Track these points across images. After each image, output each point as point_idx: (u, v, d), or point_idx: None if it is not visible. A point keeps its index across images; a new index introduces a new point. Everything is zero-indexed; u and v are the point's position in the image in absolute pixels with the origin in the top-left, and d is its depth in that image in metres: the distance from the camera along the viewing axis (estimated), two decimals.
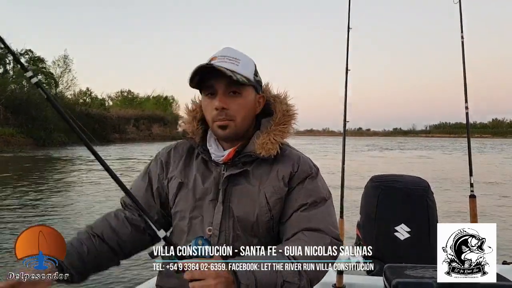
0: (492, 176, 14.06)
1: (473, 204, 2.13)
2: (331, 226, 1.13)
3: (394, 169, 16.63)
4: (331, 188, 1.23)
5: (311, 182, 1.17)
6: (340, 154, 2.16)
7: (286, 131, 1.20)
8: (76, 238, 1.18)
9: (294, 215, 1.14)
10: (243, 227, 1.15)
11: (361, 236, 2.04)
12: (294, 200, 1.15)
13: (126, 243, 1.22)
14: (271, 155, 1.15)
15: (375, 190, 2.03)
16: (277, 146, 1.16)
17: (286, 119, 1.21)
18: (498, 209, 8.18)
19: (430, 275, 1.38)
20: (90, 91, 54.72)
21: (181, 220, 1.21)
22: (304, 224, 1.11)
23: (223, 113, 1.14)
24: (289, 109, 1.22)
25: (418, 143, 54.06)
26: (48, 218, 7.10)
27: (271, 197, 1.15)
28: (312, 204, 1.14)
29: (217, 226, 1.15)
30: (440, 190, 9.53)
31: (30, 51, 40.07)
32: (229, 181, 1.17)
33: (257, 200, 1.15)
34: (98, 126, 41.42)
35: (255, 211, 1.14)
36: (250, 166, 1.18)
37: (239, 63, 1.15)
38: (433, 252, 1.95)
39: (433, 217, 1.97)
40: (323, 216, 1.13)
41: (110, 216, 1.25)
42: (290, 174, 1.17)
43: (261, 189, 1.15)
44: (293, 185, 1.17)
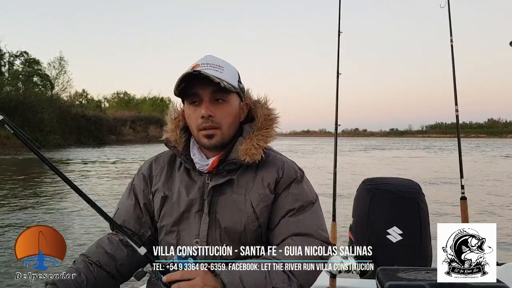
0: (483, 175, 14.14)
1: (464, 206, 2.14)
2: (319, 229, 1.13)
3: (385, 169, 16.70)
4: (327, 187, 1.23)
5: (297, 186, 1.17)
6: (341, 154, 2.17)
7: (269, 135, 1.19)
8: (73, 268, 1.16)
9: (282, 221, 1.13)
10: (230, 237, 1.13)
11: (353, 239, 2.05)
12: (281, 206, 1.14)
13: (123, 266, 1.20)
14: (255, 160, 1.14)
15: (367, 193, 2.03)
16: (260, 151, 1.15)
17: (268, 123, 1.20)
18: (489, 209, 8.21)
19: (422, 277, 1.38)
20: (86, 93, 54.67)
21: (167, 234, 1.19)
22: (293, 230, 1.11)
23: (209, 121, 1.12)
24: (270, 113, 1.21)
25: (410, 143, 54.18)
26: (46, 219, 7.07)
27: (258, 205, 1.13)
28: (299, 209, 1.14)
29: (204, 238, 1.13)
30: (432, 191, 9.56)
31: (25, 53, 39.97)
32: (214, 191, 1.15)
33: (243, 209, 1.13)
34: (94, 128, 41.32)
35: (242, 221, 1.13)
36: (235, 174, 1.16)
37: (223, 70, 1.14)
38: (425, 254, 1.98)
39: (425, 219, 1.97)
40: (311, 220, 1.13)
41: (103, 241, 1.23)
42: (275, 181, 1.16)
43: (247, 197, 1.14)
44: (279, 191, 1.16)
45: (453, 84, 2.14)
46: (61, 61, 42.83)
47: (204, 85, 1.11)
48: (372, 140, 71.25)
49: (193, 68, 1.11)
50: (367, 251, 1.18)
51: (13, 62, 38.99)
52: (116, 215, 1.26)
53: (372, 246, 1.17)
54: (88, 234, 6.02)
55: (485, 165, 18.98)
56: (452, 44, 2.13)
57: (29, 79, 39.05)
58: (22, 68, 39.53)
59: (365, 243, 1.93)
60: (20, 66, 39.69)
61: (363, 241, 1.97)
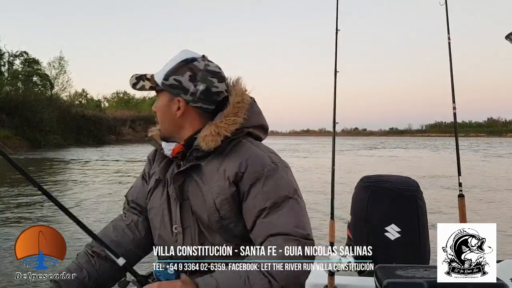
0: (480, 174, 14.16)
1: (462, 204, 2.14)
2: (296, 227, 1.05)
3: (383, 167, 16.71)
4: (328, 185, 1.19)
5: (267, 182, 1.09)
6: (340, 153, 2.17)
7: (232, 123, 1.13)
8: (75, 264, 1.18)
9: (257, 223, 1.08)
10: (202, 224, 1.13)
11: (352, 236, 2.05)
12: (253, 206, 1.09)
13: (130, 251, 1.23)
14: (210, 148, 1.11)
15: (365, 190, 2.03)
16: (218, 138, 1.11)
17: (235, 111, 1.15)
18: (486, 207, 8.22)
19: (420, 275, 1.39)
20: (86, 93, 54.68)
21: (153, 216, 1.22)
22: (269, 231, 1.05)
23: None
24: (241, 101, 1.17)
25: (409, 142, 54.22)
26: (46, 219, 7.08)
27: (217, 197, 1.10)
28: (272, 207, 1.07)
29: (180, 224, 1.15)
30: (430, 189, 9.57)
31: (25, 53, 39.91)
32: (184, 178, 1.16)
33: (207, 199, 1.12)
34: (94, 127, 41.30)
35: (206, 211, 1.12)
36: (204, 161, 1.15)
37: (161, 69, 1.19)
38: (424, 251, 1.98)
39: (423, 216, 1.98)
40: (287, 218, 1.06)
41: (108, 229, 1.27)
42: (236, 175, 1.10)
43: (210, 188, 1.12)
44: (245, 189, 1.10)
45: (451, 83, 2.14)
46: (61, 61, 42.81)
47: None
48: (372, 139, 71.30)
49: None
50: (367, 251, 1.19)
51: (12, 62, 38.95)
52: (130, 191, 1.34)
53: (370, 244, 1.18)
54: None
55: (482, 163, 19.00)
56: (449, 42, 2.14)
57: (28, 79, 39.01)
58: (22, 68, 39.48)
59: (364, 241, 1.94)
60: (20, 66, 39.66)
61: (361, 239, 1.98)
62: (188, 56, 1.18)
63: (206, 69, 1.17)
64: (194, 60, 1.17)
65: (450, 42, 2.12)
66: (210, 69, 1.17)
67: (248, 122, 1.17)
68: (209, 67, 1.17)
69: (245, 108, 1.16)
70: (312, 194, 9.40)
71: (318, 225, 6.16)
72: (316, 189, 10.29)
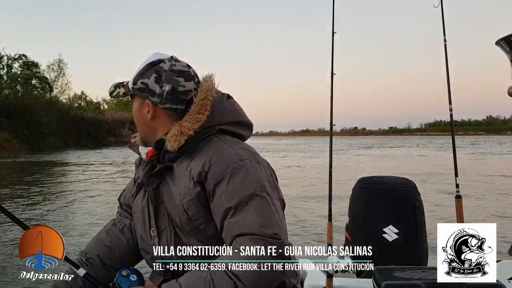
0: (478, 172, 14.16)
1: (459, 205, 2.14)
2: (262, 226, 1.00)
3: (381, 167, 16.70)
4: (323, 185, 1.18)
5: (232, 180, 1.05)
6: (339, 152, 2.17)
7: (195, 121, 1.10)
8: (70, 272, 1.17)
9: (224, 224, 1.05)
10: (177, 227, 1.13)
11: (350, 238, 2.05)
12: (219, 207, 1.05)
13: (124, 256, 1.24)
14: (174, 148, 1.10)
15: (362, 192, 2.03)
16: (181, 138, 1.09)
17: (198, 108, 1.12)
18: (482, 206, 8.22)
19: (418, 276, 1.39)
20: (85, 95, 54.63)
21: (136, 220, 1.23)
22: (235, 231, 1.02)
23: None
24: (205, 97, 1.13)
25: (408, 141, 54.24)
26: (47, 221, 7.08)
27: (184, 198, 1.09)
28: (237, 207, 1.03)
29: (155, 227, 1.15)
30: (427, 190, 9.57)
31: (24, 56, 39.90)
32: (159, 180, 1.16)
33: (176, 201, 1.11)
34: (93, 130, 41.29)
35: (176, 212, 1.11)
36: (175, 162, 1.14)
37: (135, 72, 1.19)
38: (421, 252, 1.99)
39: (421, 217, 1.98)
40: (253, 218, 1.01)
41: (101, 235, 1.27)
42: (199, 174, 1.07)
43: (178, 189, 1.11)
44: (210, 189, 1.07)
45: (447, 83, 2.15)
46: (60, 63, 42.87)
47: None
48: (371, 139, 71.33)
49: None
50: (367, 251, 1.19)
51: (11, 65, 38.97)
52: (122, 194, 1.35)
53: (368, 245, 1.18)
54: (90, 233, 6.02)
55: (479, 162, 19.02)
56: (445, 43, 2.15)
57: (27, 81, 39.01)
58: (21, 71, 39.48)
59: (362, 242, 1.94)
60: (19, 69, 39.65)
61: (359, 240, 1.98)
62: (155, 58, 1.17)
63: (171, 69, 1.15)
64: (160, 62, 1.16)
65: (446, 44, 2.13)
66: (176, 68, 1.15)
67: (218, 119, 1.14)
68: (175, 67, 1.15)
69: (209, 104, 1.12)
70: (311, 194, 9.40)
71: (316, 227, 6.17)
72: (314, 189, 10.30)
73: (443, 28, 2.18)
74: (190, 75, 1.16)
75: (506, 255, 1.65)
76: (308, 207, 7.96)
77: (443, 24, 2.18)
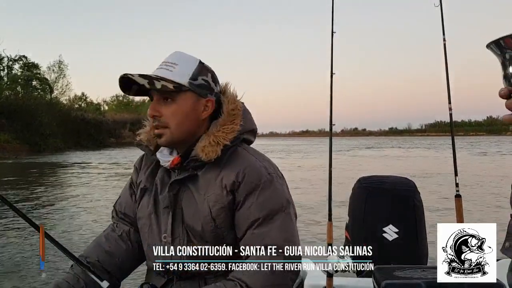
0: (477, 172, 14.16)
1: (459, 204, 2.15)
2: (286, 241, 1.06)
3: (381, 167, 16.70)
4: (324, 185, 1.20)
5: (263, 193, 1.09)
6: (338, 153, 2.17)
7: (230, 131, 1.12)
8: (71, 274, 1.17)
9: (247, 233, 1.08)
10: (193, 234, 1.12)
11: (350, 238, 2.06)
12: (246, 217, 1.08)
13: (124, 262, 1.23)
14: (211, 159, 1.09)
15: (362, 191, 2.03)
16: (217, 148, 1.10)
17: (231, 119, 1.14)
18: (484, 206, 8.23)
19: (418, 275, 1.39)
20: (86, 96, 54.68)
21: (142, 226, 1.21)
22: (258, 242, 1.06)
23: (156, 121, 1.12)
24: (235, 108, 1.16)
25: (408, 141, 54.25)
26: (50, 221, 7.09)
27: (214, 206, 1.10)
28: (265, 219, 1.07)
29: (169, 233, 1.14)
30: (427, 189, 9.57)
31: (24, 57, 39.95)
32: (179, 186, 1.15)
33: (201, 208, 1.11)
34: (94, 131, 41.33)
35: (200, 220, 1.11)
36: (200, 171, 1.14)
37: (174, 69, 1.11)
38: (421, 252, 1.99)
39: (420, 217, 1.98)
40: (277, 232, 1.06)
41: (101, 240, 1.26)
42: (233, 184, 1.09)
43: (205, 197, 1.11)
44: (241, 199, 1.09)
45: (447, 84, 2.15)
46: (61, 65, 42.96)
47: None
48: (371, 139, 71.34)
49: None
50: (367, 251, 1.20)
51: (12, 66, 39.04)
52: (117, 202, 1.32)
53: (368, 245, 1.19)
54: (93, 234, 6.03)
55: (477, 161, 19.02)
56: (445, 43, 2.16)
57: (28, 83, 39.06)
58: (21, 72, 39.53)
59: (362, 242, 1.95)
60: (19, 70, 39.71)
61: (359, 240, 1.98)
62: (188, 56, 1.16)
63: (212, 71, 1.18)
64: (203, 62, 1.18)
65: (446, 44, 2.14)
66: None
67: (243, 128, 1.16)
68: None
69: (240, 115, 1.15)
70: (310, 194, 9.41)
71: (316, 227, 6.18)
72: (313, 189, 10.30)
73: (442, 28, 2.19)
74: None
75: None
76: (308, 207, 7.97)
77: (443, 24, 2.19)
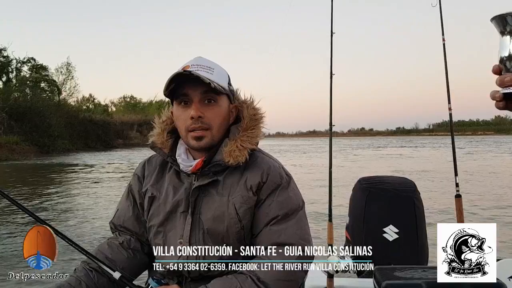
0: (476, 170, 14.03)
1: (459, 204, 2.14)
2: (301, 239, 1.11)
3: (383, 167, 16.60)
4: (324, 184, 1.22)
5: (282, 193, 1.14)
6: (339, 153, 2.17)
7: (255, 136, 1.17)
8: (73, 277, 1.17)
9: (264, 230, 1.12)
10: (213, 238, 1.13)
11: (350, 238, 2.06)
12: (265, 214, 1.13)
13: (125, 270, 1.21)
14: (239, 162, 1.12)
15: (363, 192, 2.03)
16: (245, 152, 1.13)
17: (253, 124, 1.18)
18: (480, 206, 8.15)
19: (419, 275, 1.39)
20: (93, 98, 54.99)
21: (155, 234, 1.20)
22: (274, 239, 1.10)
23: (198, 122, 1.12)
24: (256, 113, 1.20)
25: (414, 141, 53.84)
26: (55, 222, 7.14)
27: (240, 207, 1.12)
28: (283, 217, 1.12)
29: (187, 238, 1.14)
30: (427, 189, 9.50)
31: (33, 59, 40.27)
32: (199, 191, 1.15)
33: (226, 210, 1.12)
34: (102, 132, 41.57)
35: (224, 222, 1.12)
36: (221, 176, 1.16)
37: (213, 72, 1.14)
38: (422, 252, 1.98)
39: (420, 217, 1.97)
40: (294, 230, 1.11)
41: (103, 247, 1.25)
42: (258, 184, 1.13)
43: (230, 199, 1.13)
44: (263, 197, 1.14)
45: (446, 83, 2.13)
46: (68, 66, 43.21)
47: (195, 86, 1.11)
48: (378, 139, 70.95)
49: (184, 69, 1.11)
50: (367, 251, 1.21)
51: (20, 68, 39.37)
52: (115, 216, 1.29)
53: (368, 246, 1.19)
54: (96, 234, 6.08)
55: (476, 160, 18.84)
56: (444, 43, 2.15)
57: (36, 85, 39.30)
58: (30, 74, 39.84)
59: (362, 242, 1.95)
60: (28, 72, 40.01)
61: (359, 240, 1.98)
62: (213, 63, 1.19)
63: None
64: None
65: (445, 43, 2.13)
66: None
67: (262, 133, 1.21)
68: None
69: (262, 119, 1.20)
70: (311, 194, 9.37)
71: (317, 227, 6.15)
72: (313, 189, 10.27)
73: (441, 28, 2.18)
74: None
75: (506, 255, 1.64)
76: (308, 207, 7.91)
77: (442, 24, 2.17)
